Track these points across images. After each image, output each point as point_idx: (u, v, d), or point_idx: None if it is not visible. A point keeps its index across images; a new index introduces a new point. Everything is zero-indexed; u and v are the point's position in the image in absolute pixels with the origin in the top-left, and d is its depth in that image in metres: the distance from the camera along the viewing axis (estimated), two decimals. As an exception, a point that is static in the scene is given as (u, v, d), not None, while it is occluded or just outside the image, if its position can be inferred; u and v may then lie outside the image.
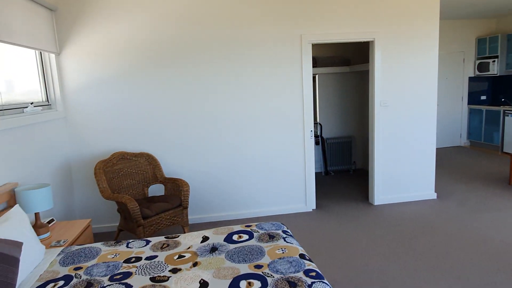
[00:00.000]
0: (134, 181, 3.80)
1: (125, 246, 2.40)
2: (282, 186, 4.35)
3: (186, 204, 3.57)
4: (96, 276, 2.01)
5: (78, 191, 4.02)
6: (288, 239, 2.34)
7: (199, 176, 4.18)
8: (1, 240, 1.84)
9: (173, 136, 4.07)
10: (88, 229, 3.07)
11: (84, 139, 3.93)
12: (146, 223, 3.28)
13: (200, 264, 2.07)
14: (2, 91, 2.91)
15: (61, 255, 2.31)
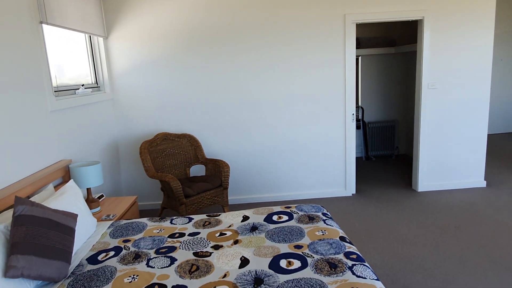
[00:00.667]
0: (177, 161, 3.92)
1: (169, 222, 2.50)
2: (322, 170, 4.31)
3: (226, 185, 3.64)
4: (143, 248, 2.12)
5: (124, 169, 4.21)
6: (328, 221, 2.33)
7: (240, 158, 4.24)
8: (59, 211, 1.98)
9: (214, 118, 4.13)
10: (134, 206, 3.23)
11: (129, 120, 4.10)
12: (188, 202, 3.39)
13: (241, 242, 2.12)
14: (56, 74, 3.08)
15: (111, 228, 2.45)
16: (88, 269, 1.92)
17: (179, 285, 1.71)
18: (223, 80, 4.05)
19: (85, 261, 2.01)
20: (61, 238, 1.89)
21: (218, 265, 1.87)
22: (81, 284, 1.78)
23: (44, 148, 2.66)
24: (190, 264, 1.90)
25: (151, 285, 1.73)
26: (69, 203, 2.26)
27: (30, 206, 1.83)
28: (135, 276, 1.81)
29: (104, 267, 1.92)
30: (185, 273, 1.81)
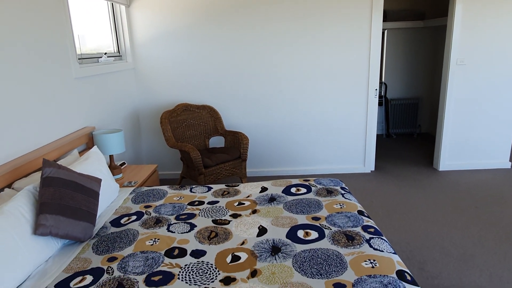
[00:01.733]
0: (196, 132, 3.95)
1: (188, 191, 2.55)
2: (341, 145, 4.27)
3: (245, 157, 3.66)
4: (164, 214, 2.18)
5: (145, 138, 4.29)
6: (346, 195, 2.33)
7: (259, 131, 4.24)
8: (84, 175, 2.05)
9: (235, 90, 4.12)
10: (154, 174, 3.30)
11: (150, 89, 4.13)
12: (206, 172, 3.44)
13: (259, 212, 2.15)
14: (79, 42, 3.11)
15: (132, 194, 2.52)
16: (111, 231, 1.99)
17: (199, 250, 1.76)
18: (245, 53, 4.00)
19: (109, 224, 2.09)
20: (86, 200, 1.96)
21: (236, 232, 1.91)
22: (105, 244, 1.85)
23: (69, 115, 2.71)
24: (209, 230, 1.95)
25: (172, 249, 1.78)
26: (93, 168, 2.32)
27: (57, 169, 1.89)
28: (156, 240, 1.87)
29: (127, 230, 1.99)
30: (204, 239, 1.86)
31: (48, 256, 1.75)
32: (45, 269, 1.68)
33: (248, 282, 1.50)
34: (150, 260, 1.69)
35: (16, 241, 1.58)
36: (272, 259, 1.66)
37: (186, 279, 1.55)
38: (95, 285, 1.53)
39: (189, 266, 1.64)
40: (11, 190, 1.94)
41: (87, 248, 1.84)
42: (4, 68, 2.06)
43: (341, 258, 1.63)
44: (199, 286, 1.50)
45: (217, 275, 1.57)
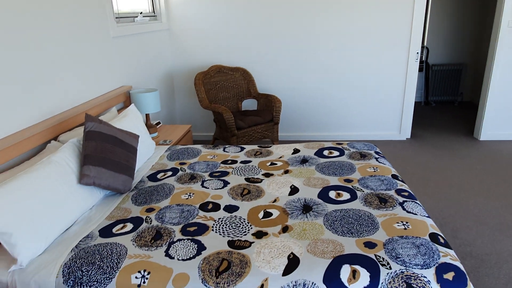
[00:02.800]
0: (229, 94, 3.96)
1: (222, 150, 2.59)
2: (376, 111, 4.16)
3: (277, 120, 3.65)
4: (198, 171, 2.24)
5: (179, 99, 4.35)
6: (380, 159, 2.29)
7: (292, 94, 4.19)
8: (123, 131, 2.13)
9: (269, 53, 4.05)
10: (188, 134, 3.37)
11: (184, 50, 4.13)
12: (239, 134, 3.47)
13: (291, 172, 2.16)
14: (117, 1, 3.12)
15: (168, 152, 2.60)
16: (148, 185, 2.09)
17: (232, 205, 1.82)
18: (280, 14, 3.89)
19: (146, 178, 2.18)
20: (125, 155, 2.04)
21: (268, 191, 1.95)
22: (143, 197, 1.95)
23: (107, 73, 2.79)
24: (242, 188, 1.99)
25: (206, 203, 1.85)
26: (131, 125, 2.40)
27: (98, 123, 1.97)
28: (191, 194, 1.94)
29: (163, 184, 2.07)
30: (237, 195, 1.91)
31: (92, 204, 1.86)
32: (90, 216, 1.80)
33: (280, 237, 1.54)
34: (186, 213, 1.76)
35: (64, 189, 1.69)
36: (303, 217, 1.69)
37: (220, 231, 1.61)
38: (135, 232, 1.63)
39: (222, 219, 1.70)
40: (57, 143, 2.05)
41: (126, 199, 1.94)
42: (48, 27, 2.12)
43: (372, 219, 1.63)
44: (232, 238, 1.56)
45: (250, 229, 1.62)
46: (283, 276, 1.34)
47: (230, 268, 1.38)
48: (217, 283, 1.33)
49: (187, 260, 1.43)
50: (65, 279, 1.40)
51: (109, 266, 1.42)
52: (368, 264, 1.35)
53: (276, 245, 1.49)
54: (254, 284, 1.32)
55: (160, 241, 1.55)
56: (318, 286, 1.30)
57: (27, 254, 1.45)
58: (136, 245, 1.53)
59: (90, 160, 1.83)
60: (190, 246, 1.51)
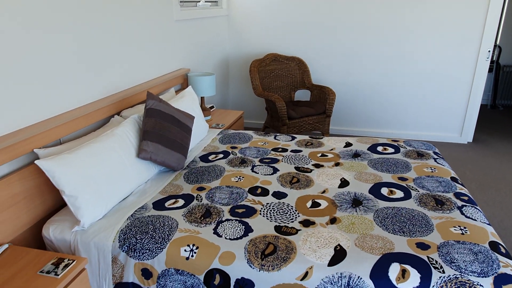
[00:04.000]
0: (283, 84, 3.94)
1: (273, 138, 2.60)
2: (437, 111, 3.93)
3: (330, 112, 3.58)
4: (249, 156, 2.27)
5: (232, 85, 4.41)
6: (439, 160, 2.17)
7: (347, 88, 4.08)
8: (180, 111, 2.20)
9: (326, 43, 3.96)
10: (240, 120, 3.42)
11: (241, 37, 4.16)
12: (290, 124, 3.46)
13: (342, 165, 2.12)
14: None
15: (220, 135, 2.66)
16: (200, 165, 2.15)
17: (280, 192, 1.82)
18: (341, 6, 3.78)
19: (198, 159, 2.25)
20: (181, 134, 2.11)
21: (318, 181, 1.93)
22: (194, 176, 2.01)
23: (168, 55, 2.89)
24: (291, 176, 1.99)
25: (255, 187, 1.87)
26: (187, 106, 2.48)
27: (158, 102, 2.06)
28: (241, 177, 1.97)
29: (214, 166, 2.13)
30: (286, 183, 1.91)
31: (147, 178, 1.96)
32: (145, 189, 1.89)
33: (327, 228, 1.53)
34: (235, 195, 1.80)
35: (124, 161, 1.79)
36: (353, 210, 1.65)
37: (267, 215, 1.62)
38: (186, 208, 1.69)
39: (270, 204, 1.71)
40: (120, 117, 2.17)
41: (179, 176, 2.02)
42: (117, 9, 2.22)
43: (427, 220, 1.56)
44: (279, 223, 1.56)
45: (297, 216, 1.61)
46: (329, 266, 1.32)
47: (276, 252, 1.39)
48: (262, 265, 1.35)
49: (234, 239, 1.46)
50: (121, 244, 1.49)
51: (161, 237, 1.49)
52: (419, 265, 1.30)
53: (323, 235, 1.47)
54: (299, 271, 1.32)
55: (209, 219, 1.60)
56: (364, 280, 1.27)
57: (89, 218, 1.56)
58: (187, 220, 1.59)
59: (148, 136, 1.92)
60: (238, 227, 1.54)
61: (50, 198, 1.72)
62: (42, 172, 1.66)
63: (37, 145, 1.65)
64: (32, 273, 1.34)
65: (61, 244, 1.57)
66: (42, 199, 1.68)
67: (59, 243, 1.57)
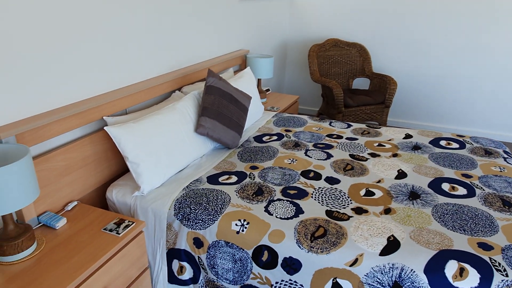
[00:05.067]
0: (342, 71, 3.84)
1: (327, 124, 2.55)
2: (509, 109, 3.62)
3: (389, 103, 3.44)
4: (303, 140, 2.25)
5: (288, 69, 4.38)
6: (509, 160, 2.01)
7: (410, 78, 3.87)
8: (238, 90, 2.23)
9: (391, 31, 3.77)
10: (295, 104, 3.39)
11: (302, 21, 4.09)
12: (345, 112, 3.37)
13: (400, 156, 2.04)
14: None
15: (274, 118, 2.66)
16: (254, 145, 2.17)
17: (333, 178, 1.79)
18: (412, -14, 3.56)
19: (252, 139, 2.27)
20: (237, 113, 2.15)
21: (373, 170, 1.87)
22: (248, 155, 2.04)
23: (229, 36, 2.92)
24: (345, 163, 1.95)
25: (307, 171, 1.86)
26: (245, 86, 2.50)
27: (218, 80, 2.10)
28: (294, 160, 1.97)
29: (268, 147, 2.14)
30: (339, 169, 1.88)
31: (203, 153, 2.02)
32: (200, 163, 1.96)
33: (381, 217, 1.48)
34: (287, 176, 1.80)
35: (182, 135, 1.86)
36: (409, 203, 1.59)
37: (319, 199, 1.61)
38: (239, 184, 1.73)
39: (322, 189, 1.69)
40: (180, 93, 2.25)
41: (233, 154, 2.06)
42: (186, -17, 2.28)
43: (491, 221, 1.46)
44: (330, 208, 1.55)
45: (349, 203, 1.58)
46: (380, 255, 1.29)
47: (326, 236, 1.38)
48: (311, 246, 1.35)
49: (284, 219, 1.47)
50: (176, 212, 1.57)
51: (214, 210, 1.54)
52: (480, 266, 1.22)
53: (376, 224, 1.44)
54: (348, 256, 1.31)
55: (261, 197, 1.62)
56: (418, 274, 1.23)
57: (148, 184, 1.65)
58: (239, 196, 1.62)
59: (207, 112, 1.97)
60: (289, 207, 1.55)
61: (115, 163, 1.84)
62: (109, 138, 1.77)
63: (106, 113, 1.76)
64: (97, 229, 1.45)
65: (122, 206, 1.68)
66: (108, 163, 1.80)
67: (121, 206, 1.68)
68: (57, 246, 1.35)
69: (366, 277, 1.27)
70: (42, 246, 1.34)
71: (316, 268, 1.33)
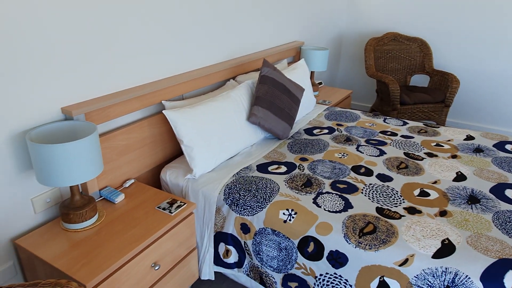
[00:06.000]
0: (399, 66, 3.68)
1: (382, 120, 2.47)
2: None
3: (450, 102, 3.25)
4: (354, 135, 2.20)
5: (343, 63, 4.27)
6: None
7: (474, 77, 3.62)
8: (292, 81, 2.22)
9: (455, 26, 3.54)
10: (348, 99, 3.31)
11: (360, 14, 3.96)
12: (401, 109, 3.24)
13: (459, 158, 1.92)
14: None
15: (326, 111, 2.62)
16: (304, 137, 2.16)
17: (385, 175, 1.74)
18: (485, -22, 3.31)
19: (302, 131, 2.26)
20: (289, 104, 2.14)
21: (429, 171, 1.79)
22: (298, 146, 2.03)
23: (284, 27, 2.90)
24: (399, 161, 1.88)
25: (359, 166, 1.82)
26: (298, 78, 2.48)
27: (272, 70, 2.11)
28: (345, 154, 1.93)
29: (318, 140, 2.12)
30: (392, 167, 1.81)
31: (253, 142, 2.04)
32: (250, 151, 1.98)
33: (435, 219, 1.42)
34: (337, 170, 1.77)
35: (235, 122, 1.89)
36: (467, 207, 1.50)
37: (369, 195, 1.57)
38: (288, 174, 1.73)
39: (373, 185, 1.65)
40: (234, 82, 2.28)
41: (283, 145, 2.06)
42: (246, -27, 2.30)
43: (562, 233, 1.34)
44: (381, 205, 1.50)
45: (402, 202, 1.53)
46: (433, 258, 1.24)
47: (375, 233, 1.35)
48: (359, 242, 1.33)
49: (333, 212, 1.46)
50: (225, 197, 1.61)
51: (262, 197, 1.56)
52: (545, 280, 1.13)
53: (429, 226, 1.38)
54: (398, 256, 1.27)
55: (310, 188, 1.62)
56: (473, 281, 1.16)
57: (201, 168, 1.71)
58: (288, 186, 1.63)
59: (260, 102, 1.99)
60: (338, 201, 1.53)
61: (169, 146, 1.92)
62: (166, 121, 1.85)
63: (164, 98, 1.83)
64: (151, 206, 1.53)
65: (175, 187, 1.75)
66: (163, 146, 1.88)
67: (173, 187, 1.75)
68: (116, 219, 1.45)
69: (416, 278, 1.23)
70: (103, 218, 1.44)
71: (363, 265, 1.31)
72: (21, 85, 1.27)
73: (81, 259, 1.24)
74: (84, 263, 1.22)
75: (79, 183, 1.26)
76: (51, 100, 1.37)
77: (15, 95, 1.26)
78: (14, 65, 1.24)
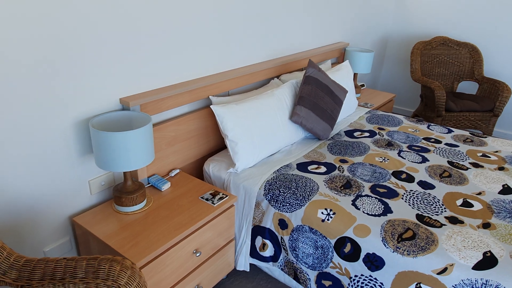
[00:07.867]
0: (447, 72, 3.57)
1: (425, 126, 2.43)
2: None
3: (499, 112, 3.11)
4: (396, 140, 2.18)
5: (386, 66, 4.19)
6: None
7: (527, 86, 3.45)
8: (335, 82, 2.23)
9: (507, 30, 3.38)
10: (390, 103, 3.26)
11: (408, 16, 3.87)
12: (446, 116, 3.14)
13: (507, 170, 1.86)
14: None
15: (368, 114, 2.60)
16: (344, 139, 2.17)
17: (427, 182, 1.72)
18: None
19: (343, 133, 2.27)
20: (332, 105, 2.16)
21: (474, 181, 1.75)
22: (338, 148, 2.05)
23: (329, 27, 2.90)
24: (442, 169, 1.85)
25: (400, 172, 1.81)
26: (342, 79, 2.49)
27: (317, 71, 2.13)
28: (385, 159, 1.93)
29: (359, 142, 2.12)
30: (435, 175, 1.79)
31: (294, 141, 2.08)
32: (291, 150, 2.02)
33: (478, 231, 1.39)
34: (378, 174, 1.78)
35: (278, 120, 1.94)
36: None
37: (409, 202, 1.57)
38: (328, 175, 1.75)
39: (414, 192, 1.64)
40: (278, 81, 2.32)
41: (323, 145, 2.08)
42: (296, -27, 2.32)
43: None
44: (422, 212, 1.50)
45: (443, 211, 1.51)
46: (473, 269, 1.22)
47: (414, 239, 1.35)
48: (397, 247, 1.33)
49: (371, 215, 1.47)
50: (265, 193, 1.66)
51: (302, 195, 1.60)
52: None
53: (471, 237, 1.36)
54: (437, 264, 1.26)
55: (349, 190, 1.63)
56: (515, 297, 1.14)
57: (243, 163, 1.77)
58: (327, 187, 1.66)
59: (303, 102, 2.02)
60: (377, 204, 1.54)
61: (214, 139, 2.00)
62: (211, 116, 1.93)
63: (211, 93, 1.91)
64: (195, 196, 1.61)
65: (217, 180, 1.82)
66: (208, 139, 1.96)
67: (215, 179, 1.83)
68: (162, 205, 1.54)
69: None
70: (150, 203, 1.54)
71: (400, 270, 1.32)
72: (86, 78, 1.38)
73: (131, 239, 1.34)
74: (133, 244, 1.32)
75: (133, 169, 1.36)
76: (111, 91, 1.48)
77: (80, 87, 1.37)
78: (81, 60, 1.35)
